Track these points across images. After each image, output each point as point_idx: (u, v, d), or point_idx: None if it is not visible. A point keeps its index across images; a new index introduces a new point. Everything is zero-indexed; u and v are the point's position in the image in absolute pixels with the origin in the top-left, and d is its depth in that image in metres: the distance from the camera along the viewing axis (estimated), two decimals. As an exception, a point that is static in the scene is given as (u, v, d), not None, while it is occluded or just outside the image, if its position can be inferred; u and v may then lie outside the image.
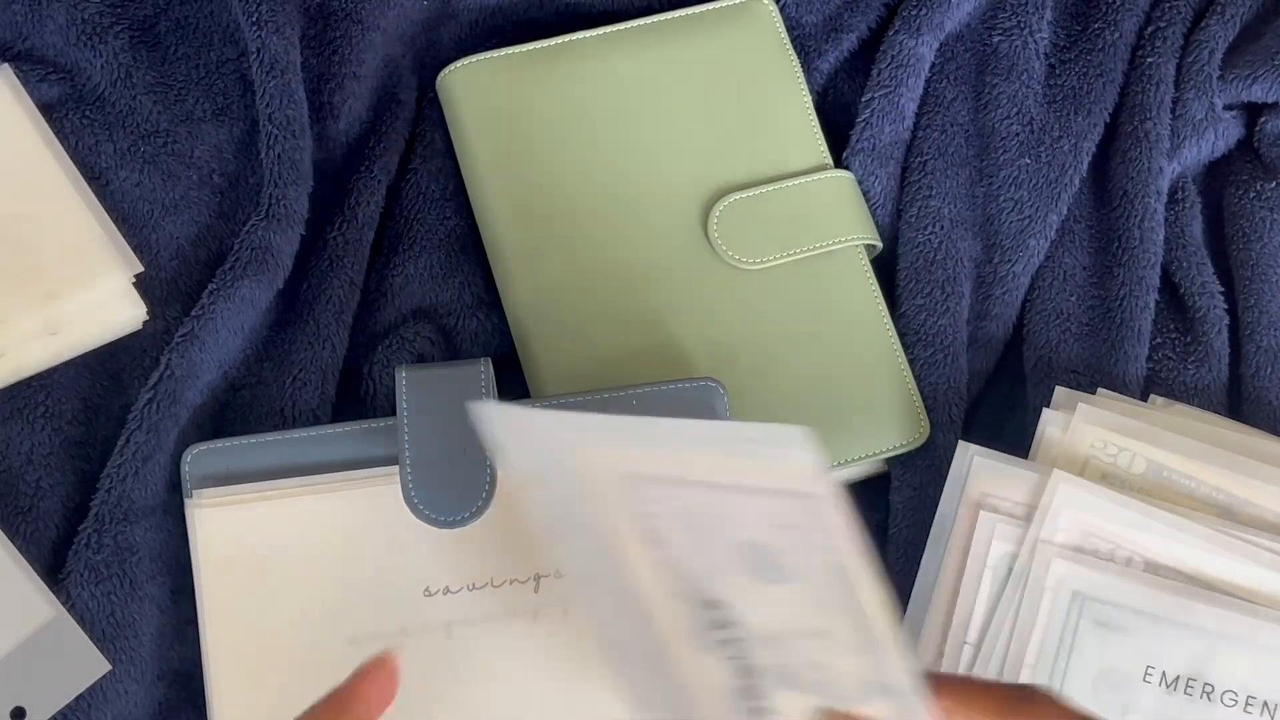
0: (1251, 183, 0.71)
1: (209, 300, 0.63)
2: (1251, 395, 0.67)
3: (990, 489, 0.62)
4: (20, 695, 0.57)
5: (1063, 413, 0.64)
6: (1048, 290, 0.70)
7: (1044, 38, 0.74)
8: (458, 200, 0.70)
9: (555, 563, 0.58)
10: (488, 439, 0.38)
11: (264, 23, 0.66)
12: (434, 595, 0.57)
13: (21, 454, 0.62)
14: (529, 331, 0.66)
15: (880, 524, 0.66)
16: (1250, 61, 0.71)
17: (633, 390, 0.60)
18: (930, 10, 0.72)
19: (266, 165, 0.65)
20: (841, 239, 0.68)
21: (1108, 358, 0.67)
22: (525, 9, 0.74)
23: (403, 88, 0.71)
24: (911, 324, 0.68)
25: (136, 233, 0.66)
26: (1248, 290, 0.69)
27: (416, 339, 0.66)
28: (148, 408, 0.60)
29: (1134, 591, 0.59)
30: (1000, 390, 0.70)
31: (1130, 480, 0.62)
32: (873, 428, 0.66)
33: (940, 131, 0.72)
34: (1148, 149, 0.70)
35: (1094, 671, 0.58)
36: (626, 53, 0.70)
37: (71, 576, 0.59)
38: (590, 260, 0.67)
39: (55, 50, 0.68)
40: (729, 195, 0.68)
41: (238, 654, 0.56)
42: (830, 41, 0.74)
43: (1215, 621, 0.58)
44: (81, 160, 0.66)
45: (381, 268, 0.68)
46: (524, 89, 0.69)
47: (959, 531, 0.62)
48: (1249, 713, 0.58)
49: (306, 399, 0.64)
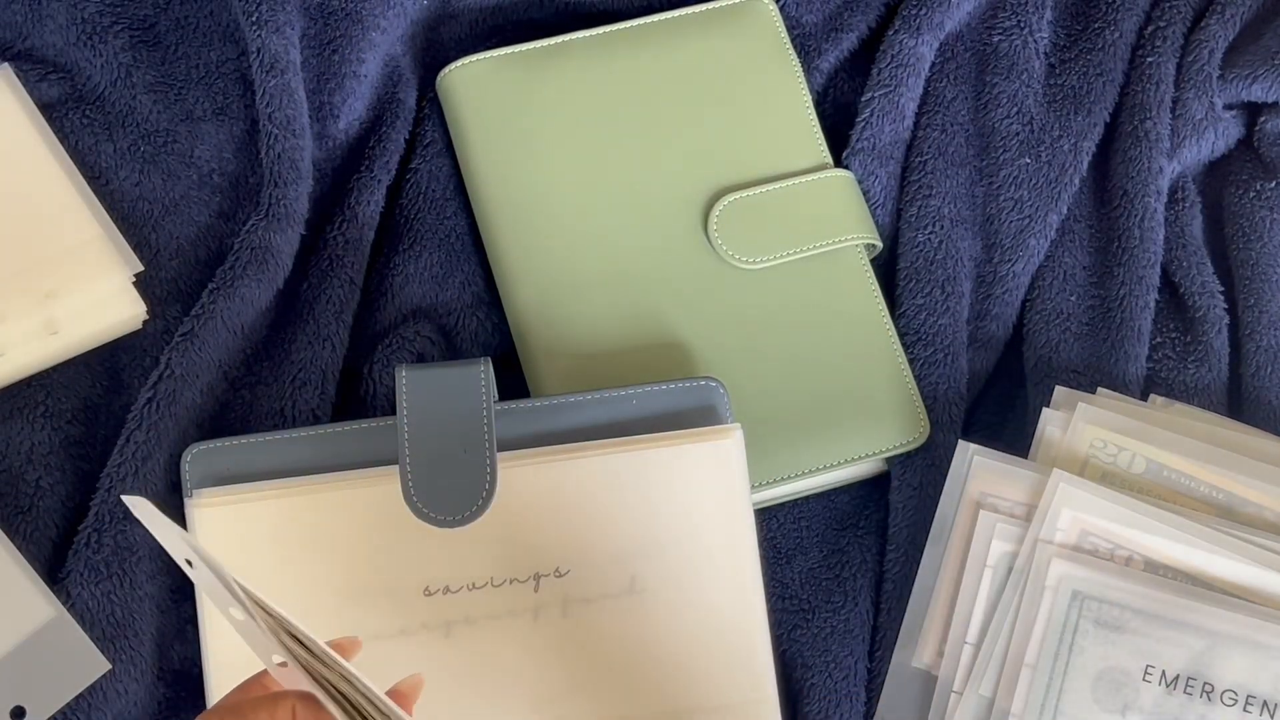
0: (1251, 182, 0.71)
1: (209, 300, 0.63)
2: (1251, 395, 0.67)
3: (990, 489, 0.62)
4: (20, 695, 0.57)
5: (1063, 412, 0.64)
6: (1048, 290, 0.70)
7: (1044, 37, 0.74)
8: (458, 200, 0.70)
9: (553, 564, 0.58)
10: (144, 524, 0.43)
11: (264, 22, 0.66)
12: (434, 595, 0.57)
13: (21, 454, 0.62)
14: (529, 331, 0.66)
15: (880, 524, 0.66)
16: (1250, 61, 0.71)
17: (633, 390, 0.61)
18: (930, 10, 0.72)
19: (266, 165, 0.65)
20: (841, 239, 0.68)
21: (1108, 357, 0.67)
22: (525, 9, 0.74)
23: (403, 88, 0.71)
24: (911, 324, 0.68)
25: (136, 232, 0.66)
26: (1248, 290, 0.69)
27: (416, 339, 0.66)
28: (148, 407, 0.60)
29: (1134, 591, 0.59)
30: (1000, 390, 0.70)
31: (1130, 480, 0.62)
32: (873, 428, 0.66)
33: (940, 131, 0.72)
34: (1148, 148, 0.70)
35: (1094, 671, 0.58)
36: (626, 53, 0.70)
37: (72, 576, 0.59)
38: (590, 260, 0.67)
39: (55, 50, 0.68)
40: (729, 195, 0.68)
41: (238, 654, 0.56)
42: (830, 41, 0.74)
43: (1215, 621, 0.58)
44: (81, 160, 0.66)
45: (381, 267, 0.68)
46: (524, 89, 0.69)
47: (959, 531, 0.62)
48: (1249, 712, 0.58)
49: (306, 399, 0.64)
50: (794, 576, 0.65)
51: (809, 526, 0.67)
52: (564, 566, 0.58)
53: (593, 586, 0.58)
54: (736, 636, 0.58)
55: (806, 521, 0.67)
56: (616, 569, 0.58)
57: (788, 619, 0.64)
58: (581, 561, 0.58)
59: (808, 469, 0.65)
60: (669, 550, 0.58)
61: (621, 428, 0.60)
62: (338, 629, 0.57)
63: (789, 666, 0.63)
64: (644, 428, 0.60)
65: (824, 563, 0.66)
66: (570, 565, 0.58)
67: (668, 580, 0.58)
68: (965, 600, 0.61)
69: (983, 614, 0.60)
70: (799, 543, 0.66)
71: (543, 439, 0.60)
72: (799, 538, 0.66)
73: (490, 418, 0.58)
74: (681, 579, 0.58)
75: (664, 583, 0.58)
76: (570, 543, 0.58)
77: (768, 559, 0.65)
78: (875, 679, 0.62)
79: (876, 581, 0.65)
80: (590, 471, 0.59)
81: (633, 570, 0.58)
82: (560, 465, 0.59)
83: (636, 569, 0.58)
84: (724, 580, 0.59)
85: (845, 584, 0.65)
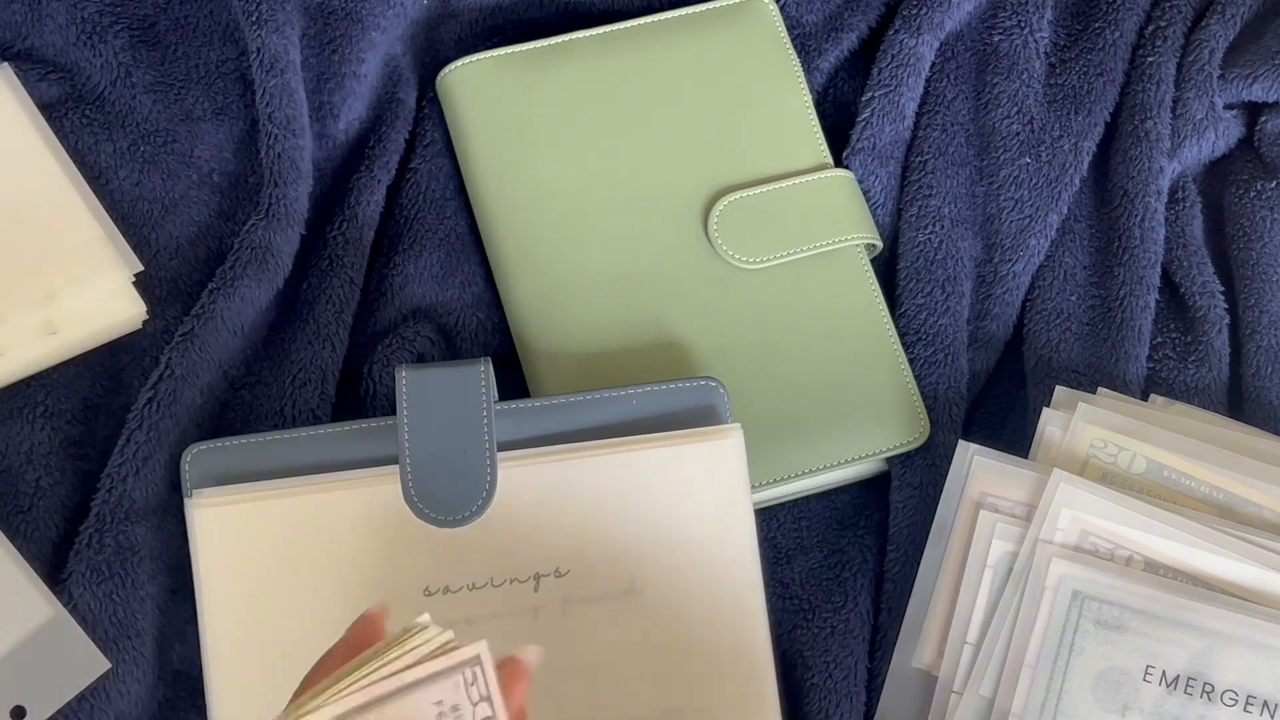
0: (1251, 182, 0.71)
1: (209, 299, 0.63)
2: (1251, 395, 0.67)
3: (990, 489, 0.62)
4: (20, 695, 0.57)
5: (1063, 412, 0.64)
6: (1048, 290, 0.70)
7: (1044, 37, 0.74)
8: (458, 200, 0.70)
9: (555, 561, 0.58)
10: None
11: (263, 22, 0.66)
12: (434, 595, 0.57)
13: (21, 454, 0.62)
14: (529, 331, 0.66)
15: (880, 524, 0.66)
16: (1250, 61, 0.71)
17: (633, 390, 0.61)
18: (930, 9, 0.72)
19: (266, 164, 0.65)
20: (841, 239, 0.68)
21: (1108, 357, 0.67)
22: (525, 9, 0.74)
23: (403, 87, 0.71)
24: (911, 324, 0.68)
25: (136, 232, 0.66)
26: (1248, 290, 0.69)
27: (416, 339, 0.66)
28: (148, 407, 0.60)
29: (1134, 591, 0.59)
30: (1000, 390, 0.70)
31: (1130, 480, 0.62)
32: (873, 427, 0.66)
33: (941, 131, 0.72)
34: (1148, 148, 0.70)
35: (1094, 671, 0.58)
36: (626, 53, 0.70)
37: (73, 576, 0.59)
38: (590, 260, 0.67)
39: (55, 50, 0.68)
40: (729, 195, 0.68)
41: (238, 654, 0.56)
42: (830, 41, 0.74)
43: (1215, 621, 0.58)
44: (81, 160, 0.66)
45: (381, 267, 0.68)
46: (524, 89, 0.69)
47: (959, 531, 0.62)
48: (1249, 712, 0.58)
49: (306, 399, 0.64)
50: (794, 576, 0.65)
51: (809, 526, 0.67)
52: (564, 566, 0.58)
53: (593, 586, 0.58)
54: (736, 636, 0.58)
55: (806, 521, 0.67)
56: (616, 569, 0.58)
57: (788, 619, 0.64)
58: (581, 562, 0.58)
59: (808, 469, 0.65)
60: (669, 550, 0.58)
61: (621, 428, 0.60)
62: (336, 630, 0.57)
63: (789, 666, 0.63)
64: (644, 428, 0.60)
65: (824, 563, 0.66)
66: (570, 565, 0.58)
67: (668, 580, 0.58)
68: (965, 600, 0.61)
69: (983, 614, 0.60)
70: (799, 543, 0.66)
71: (542, 439, 0.60)
72: (799, 538, 0.67)
73: (490, 418, 0.58)
74: (682, 579, 0.58)
75: (664, 583, 0.58)
76: (570, 543, 0.58)
77: (768, 559, 0.65)
78: (875, 679, 0.63)
79: (876, 581, 0.65)
80: (590, 472, 0.59)
81: (633, 570, 0.58)
82: (560, 465, 0.59)
83: (636, 569, 0.58)
84: (724, 580, 0.59)
85: (845, 584, 0.65)
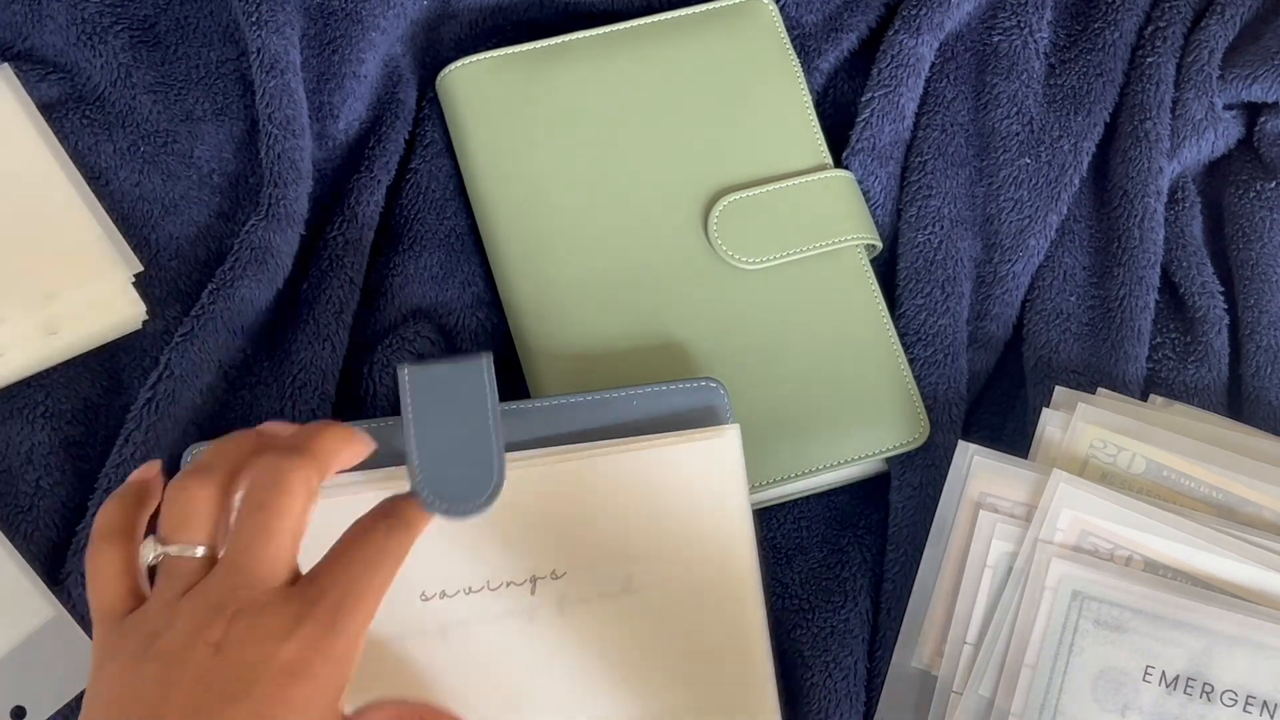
0: (1251, 183, 0.71)
1: (209, 300, 0.63)
2: (1251, 395, 0.67)
3: (990, 489, 0.62)
4: (20, 695, 0.57)
5: (1063, 412, 0.64)
6: (1048, 290, 0.70)
7: (1044, 37, 0.74)
8: (458, 200, 0.70)
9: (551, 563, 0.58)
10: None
11: (264, 22, 0.66)
12: (430, 600, 0.57)
13: (21, 454, 0.62)
14: (529, 331, 0.66)
15: (880, 524, 0.66)
16: (1250, 61, 0.71)
17: (633, 390, 0.60)
18: (930, 10, 0.72)
19: (266, 165, 0.65)
20: (841, 239, 0.68)
21: (1108, 358, 0.67)
22: (525, 9, 0.74)
23: (403, 88, 0.71)
24: (911, 324, 0.68)
25: (136, 232, 0.66)
26: (1248, 290, 0.69)
27: (416, 339, 0.66)
28: (147, 408, 0.60)
29: (1134, 591, 0.59)
30: (1000, 390, 0.70)
31: (1130, 480, 0.62)
32: (873, 427, 0.66)
33: (940, 131, 0.72)
34: (1148, 149, 0.70)
35: (1094, 671, 0.58)
36: (626, 53, 0.70)
37: (73, 576, 0.59)
38: (590, 260, 0.67)
39: (55, 50, 0.68)
40: (729, 195, 0.68)
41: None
42: (830, 41, 0.74)
43: (1215, 621, 0.58)
44: (81, 160, 0.66)
45: (381, 268, 0.68)
46: (524, 89, 0.69)
47: (959, 531, 0.62)
48: (1249, 712, 0.58)
49: (306, 399, 0.64)
50: (794, 576, 0.65)
51: (809, 526, 0.67)
52: (561, 568, 0.58)
53: (590, 587, 0.58)
54: (735, 636, 0.58)
55: (806, 521, 0.67)
56: (614, 569, 0.58)
57: (788, 619, 0.64)
58: (579, 563, 0.58)
59: (808, 469, 0.65)
60: (668, 551, 0.58)
61: (621, 429, 0.60)
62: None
63: (789, 666, 0.63)
64: (644, 428, 0.60)
65: (824, 563, 0.66)
66: (567, 567, 0.58)
67: (666, 581, 0.58)
68: (965, 600, 0.61)
69: (982, 614, 0.60)
70: (799, 543, 0.66)
71: (543, 440, 0.59)
72: (799, 538, 0.66)
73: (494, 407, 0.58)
74: (680, 579, 0.58)
75: (662, 583, 0.58)
76: (568, 544, 0.58)
77: (768, 559, 0.65)
78: (875, 679, 0.62)
79: (876, 581, 0.65)
80: (589, 472, 0.58)
81: (631, 570, 0.58)
82: (559, 467, 0.58)
83: (634, 569, 0.58)
84: (723, 580, 0.59)
85: (845, 584, 0.65)
